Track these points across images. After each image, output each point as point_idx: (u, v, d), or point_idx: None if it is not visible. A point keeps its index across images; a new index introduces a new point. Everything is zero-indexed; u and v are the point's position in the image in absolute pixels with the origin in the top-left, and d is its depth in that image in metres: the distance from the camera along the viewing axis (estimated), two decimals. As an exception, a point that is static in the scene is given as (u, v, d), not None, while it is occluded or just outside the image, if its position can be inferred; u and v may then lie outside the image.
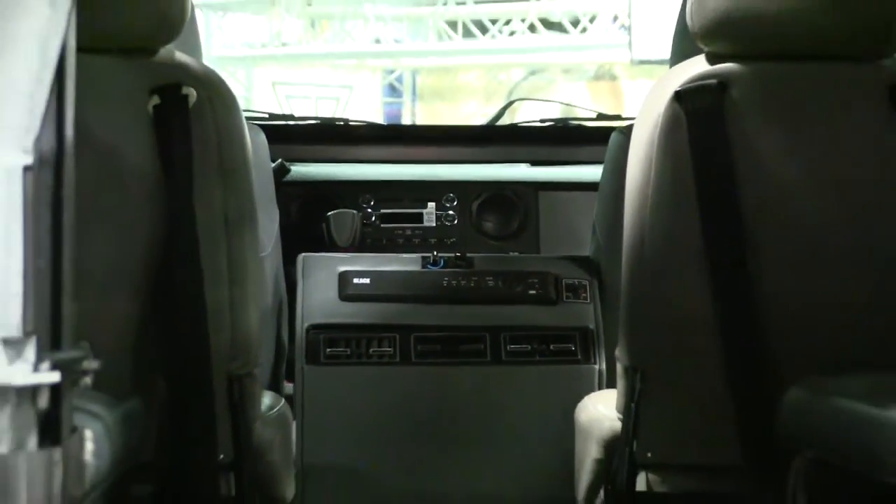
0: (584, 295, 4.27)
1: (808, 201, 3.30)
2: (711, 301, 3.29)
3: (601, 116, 5.89)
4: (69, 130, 2.01)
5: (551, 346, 4.20)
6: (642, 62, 8.97)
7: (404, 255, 4.45)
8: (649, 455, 3.42)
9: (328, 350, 4.22)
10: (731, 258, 3.32)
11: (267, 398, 3.56)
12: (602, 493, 3.58)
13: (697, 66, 3.34)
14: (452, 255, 4.41)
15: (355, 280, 4.28)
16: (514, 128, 6.13)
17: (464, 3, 13.00)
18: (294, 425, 3.82)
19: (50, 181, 1.99)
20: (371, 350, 4.22)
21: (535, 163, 4.94)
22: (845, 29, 3.35)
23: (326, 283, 4.28)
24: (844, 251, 3.32)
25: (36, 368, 1.92)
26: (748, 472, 3.34)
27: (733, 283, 3.33)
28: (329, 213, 4.48)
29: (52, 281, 1.99)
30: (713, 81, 3.29)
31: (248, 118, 3.51)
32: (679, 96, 3.26)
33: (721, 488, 3.48)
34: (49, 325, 1.97)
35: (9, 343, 1.91)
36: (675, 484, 3.49)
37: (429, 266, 4.37)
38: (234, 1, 13.01)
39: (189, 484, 3.29)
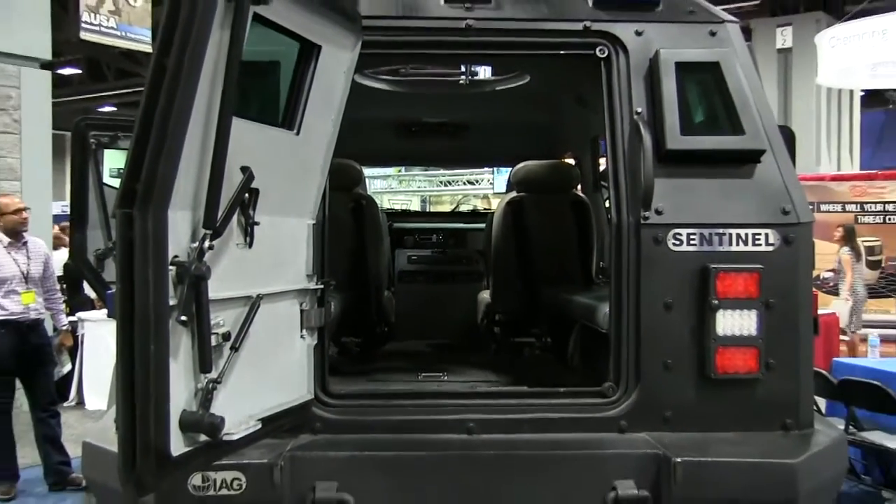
0: (480, 262, 4.23)
1: (545, 236, 3.23)
2: (517, 262, 3.22)
3: (485, 209, 6.46)
4: (327, 213, 2.04)
5: (474, 277, 4.24)
6: (496, 193, 11.10)
7: (426, 249, 4.40)
8: (499, 307, 3.37)
9: (404, 278, 4.24)
10: (506, 251, 3.22)
11: (386, 293, 3.56)
12: (486, 321, 3.52)
13: (514, 193, 3.33)
14: (441, 250, 4.39)
15: (412, 257, 4.30)
16: (459, 212, 6.38)
17: (444, 174, 15.61)
18: (394, 301, 3.82)
19: (318, 233, 2.00)
20: (417, 278, 4.26)
21: (466, 223, 4.87)
22: (558, 182, 3.32)
23: (404, 258, 4.28)
24: (555, 250, 3.26)
25: (316, 284, 1.98)
26: (534, 316, 3.30)
27: (518, 257, 3.21)
28: (405, 237, 4.48)
29: (320, 257, 1.99)
30: (519, 199, 3.25)
31: (381, 210, 3.61)
32: (509, 203, 3.26)
33: (522, 321, 3.38)
34: (319, 271, 1.98)
35: (308, 276, 1.94)
36: (508, 317, 3.39)
37: (433, 253, 4.37)
38: (374, 176, 14.95)
39: (364, 316, 3.23)
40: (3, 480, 4.09)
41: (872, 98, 13.89)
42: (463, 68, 3.44)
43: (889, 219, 6.36)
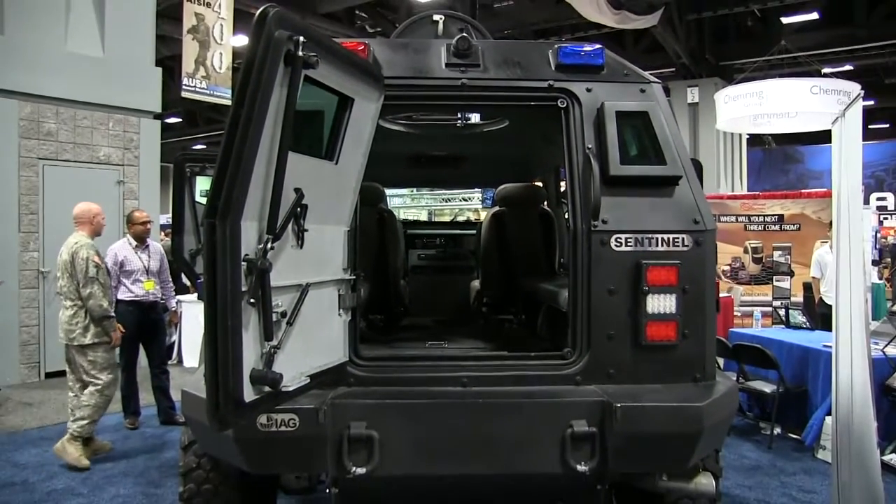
0: (472, 259, 4.04)
1: (520, 239, 3.11)
2: (499, 259, 3.08)
3: (476, 220, 6.06)
4: (357, 223, 1.95)
5: (467, 270, 4.04)
6: (484, 207, 9.61)
7: (431, 249, 4.23)
8: (486, 292, 3.23)
9: (415, 271, 4.03)
10: (491, 250, 3.08)
11: (402, 282, 3.37)
12: (476, 303, 3.38)
13: (497, 207, 3.19)
14: (443, 250, 4.22)
15: (421, 255, 4.10)
16: (456, 221, 6.11)
17: (445, 194, 13.34)
18: (408, 288, 3.62)
19: (352, 237, 1.92)
20: (425, 271, 4.06)
21: (461, 230, 4.64)
22: (529, 199, 3.17)
23: (415, 256, 4.08)
24: (528, 250, 3.12)
25: (350, 275, 1.90)
26: (512, 299, 3.15)
27: (500, 255, 3.05)
28: (415, 241, 4.29)
29: (353, 255, 1.91)
30: (500, 212, 3.12)
31: (398, 220, 3.40)
32: (493, 215, 3.13)
33: (503, 303, 3.23)
34: (352, 265, 1.90)
35: (344, 269, 1.86)
36: (493, 300, 3.24)
37: (437, 252, 4.18)
38: (393, 195, 13.22)
39: (386, 299, 3.07)
40: (129, 415, 4.23)
41: (754, 140, 14.26)
42: (459, 115, 3.40)
43: (768, 227, 6.45)
